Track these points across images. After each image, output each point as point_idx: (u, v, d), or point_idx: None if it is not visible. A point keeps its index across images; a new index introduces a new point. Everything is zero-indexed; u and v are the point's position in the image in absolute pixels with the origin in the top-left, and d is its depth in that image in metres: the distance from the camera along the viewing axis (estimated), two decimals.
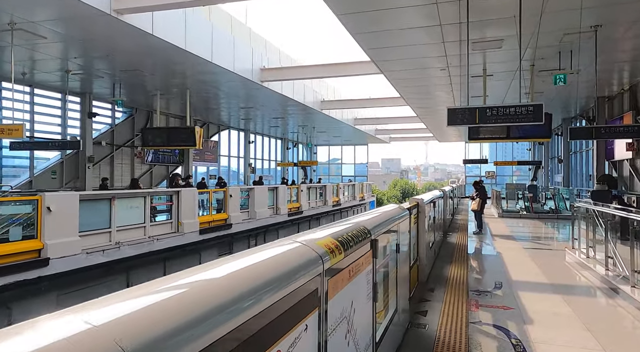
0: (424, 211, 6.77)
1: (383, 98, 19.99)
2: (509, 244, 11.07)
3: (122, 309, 0.97)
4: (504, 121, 7.46)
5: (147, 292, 1.11)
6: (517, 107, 7.22)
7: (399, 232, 4.24)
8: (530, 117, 7.06)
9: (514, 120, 7.33)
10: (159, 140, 15.06)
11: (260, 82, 14.35)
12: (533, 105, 7.08)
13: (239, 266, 1.44)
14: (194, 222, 13.17)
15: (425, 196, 7.60)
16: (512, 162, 27.41)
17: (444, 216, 13.10)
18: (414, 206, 6.23)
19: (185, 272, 1.31)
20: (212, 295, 1.16)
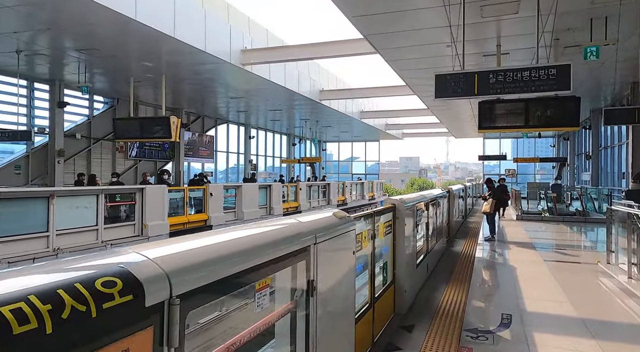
0: (403, 216, 4.93)
1: (389, 87, 18.05)
2: (526, 254, 9.09)
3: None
4: (515, 90, 5.54)
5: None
6: (535, 70, 5.27)
7: (313, 264, 2.44)
8: (552, 84, 5.13)
9: (530, 88, 5.38)
10: (131, 132, 13.49)
11: (241, 66, 12.64)
12: (557, 66, 5.14)
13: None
14: (162, 224, 11.57)
15: (408, 196, 5.74)
16: (533, 159, 25.05)
17: (450, 219, 11.19)
18: (385, 210, 4.41)
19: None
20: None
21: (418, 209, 5.97)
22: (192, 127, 21.95)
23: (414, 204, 5.55)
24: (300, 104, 19.29)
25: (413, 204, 5.50)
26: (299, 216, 2.64)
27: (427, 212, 6.85)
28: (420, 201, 5.99)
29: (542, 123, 10.02)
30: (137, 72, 13.33)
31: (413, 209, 5.48)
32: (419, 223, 5.94)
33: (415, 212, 5.59)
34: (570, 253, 9.46)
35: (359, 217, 3.51)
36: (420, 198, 6.29)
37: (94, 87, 16.07)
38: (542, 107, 10.16)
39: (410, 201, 5.33)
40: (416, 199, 5.80)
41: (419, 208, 6.07)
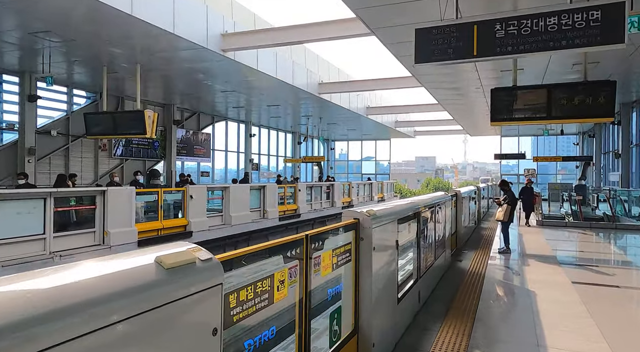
0: (371, 236, 3.40)
1: (395, 78, 16.42)
2: (549, 273, 7.43)
3: None
4: (536, 47, 3.85)
5: None
6: (567, 14, 3.57)
7: None
8: (594, 35, 3.43)
9: (559, 43, 3.64)
10: (104, 128, 12.20)
11: (222, 52, 11.21)
12: (603, 6, 3.44)
13: None
14: (128, 231, 10.23)
15: (383, 207, 4.15)
16: (555, 158, 23.10)
17: (457, 227, 9.58)
18: (331, 231, 2.90)
19: None
20: None
21: (402, 221, 4.43)
22: (186, 124, 20.66)
23: (392, 217, 4.01)
24: (299, 98, 17.81)
25: (390, 217, 3.96)
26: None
27: (420, 223, 5.29)
28: (400, 213, 4.43)
29: (568, 114, 8.36)
30: (108, 60, 12.01)
31: (391, 224, 3.95)
32: (401, 242, 4.39)
33: (393, 227, 4.05)
34: (604, 271, 7.75)
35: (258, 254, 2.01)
36: (404, 208, 4.72)
37: (73, 81, 14.89)
38: (569, 94, 8.48)
39: (384, 213, 3.80)
40: (395, 211, 4.25)
41: (403, 220, 4.53)
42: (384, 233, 3.74)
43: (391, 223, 3.98)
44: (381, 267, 3.62)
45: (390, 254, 3.90)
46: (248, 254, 1.97)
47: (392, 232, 4.00)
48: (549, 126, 22.07)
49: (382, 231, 3.66)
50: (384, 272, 3.70)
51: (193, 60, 11.98)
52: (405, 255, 4.91)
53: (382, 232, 3.69)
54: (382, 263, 3.64)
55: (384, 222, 3.74)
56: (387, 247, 3.82)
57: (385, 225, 3.77)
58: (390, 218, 3.93)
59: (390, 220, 3.91)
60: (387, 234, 3.84)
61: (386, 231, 3.79)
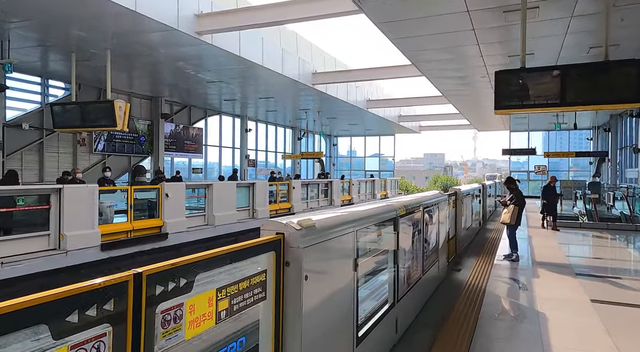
0: (300, 262, 2.26)
1: (393, 67, 15.20)
2: (563, 287, 6.25)
3: None
4: None
5: None
6: None
7: None
8: None
9: None
10: (72, 120, 11.18)
11: (196, 35, 10.11)
12: None
13: None
14: (89, 234, 9.21)
15: (323, 217, 2.94)
16: (568, 153, 21.69)
17: (457, 231, 8.41)
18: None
19: None
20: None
21: (368, 231, 3.29)
22: (176, 118, 19.63)
23: (345, 228, 2.86)
24: (292, 90, 16.65)
25: (342, 229, 2.82)
26: None
27: (400, 232, 4.14)
28: (364, 220, 3.25)
29: (586, 99, 7.13)
30: (75, 45, 10.98)
31: (345, 237, 2.81)
32: (367, 260, 3.26)
33: (349, 242, 2.91)
34: (628, 284, 6.54)
35: None
36: (370, 214, 3.53)
37: (47, 70, 13.89)
38: (587, 75, 7.26)
39: (330, 224, 2.68)
40: (353, 219, 3.08)
41: (371, 229, 3.39)
42: (328, 253, 2.62)
43: (345, 236, 2.86)
44: (322, 303, 2.51)
45: (340, 281, 2.78)
46: None
47: (345, 249, 2.88)
48: (561, 119, 20.71)
49: (324, 250, 2.55)
50: (328, 308, 2.58)
51: (167, 45, 10.92)
52: (374, 276, 3.80)
53: (326, 251, 2.58)
54: (323, 296, 2.52)
55: (330, 237, 2.62)
56: (333, 272, 2.70)
57: (332, 241, 2.65)
58: (342, 230, 2.81)
59: (341, 232, 2.79)
60: (334, 254, 2.72)
61: (332, 249, 2.67)
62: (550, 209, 12.52)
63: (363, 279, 3.35)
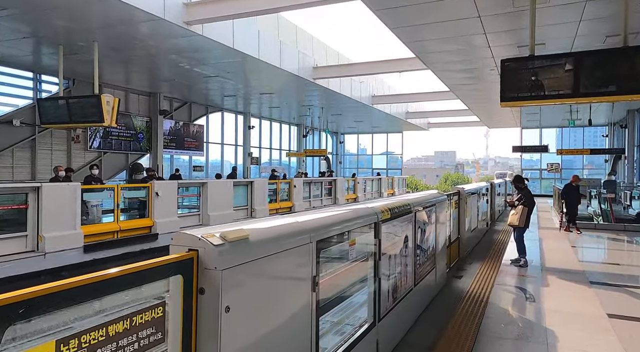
0: (217, 288, 1.66)
1: (398, 60, 14.53)
2: (574, 297, 5.60)
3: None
4: None
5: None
6: None
7: None
8: None
9: None
10: (58, 116, 10.75)
11: (185, 25, 9.59)
12: None
13: None
14: (71, 235, 8.76)
15: (271, 222, 2.36)
16: (582, 151, 20.79)
17: (460, 235, 7.78)
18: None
19: None
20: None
21: (335, 242, 2.70)
22: (175, 114, 19.17)
23: (295, 241, 2.24)
24: (292, 85, 16.08)
25: (291, 241, 2.20)
26: None
27: (383, 240, 3.54)
28: (326, 229, 2.61)
29: (602, 88, 6.45)
30: (61, 37, 10.53)
31: (298, 251, 2.21)
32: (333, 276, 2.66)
33: (304, 257, 2.30)
34: None
35: None
36: (336, 220, 2.86)
37: (40, 65, 13.49)
38: (604, 63, 6.58)
39: (271, 235, 2.09)
40: (311, 227, 2.44)
41: (340, 239, 2.81)
42: (269, 272, 2.02)
43: (298, 249, 2.27)
44: (257, 342, 1.92)
45: (288, 309, 2.18)
46: None
47: (298, 266, 2.28)
48: (575, 115, 19.83)
49: (262, 269, 1.96)
50: (265, 348, 1.99)
51: (156, 36, 10.41)
52: (347, 294, 3.22)
53: (264, 271, 1.98)
54: (258, 332, 1.93)
55: (272, 252, 2.04)
56: (277, 297, 2.09)
57: (276, 256, 2.06)
58: (293, 241, 2.22)
59: (291, 244, 2.19)
60: (279, 273, 2.11)
61: (275, 267, 2.07)
62: (572, 211, 11.56)
63: (329, 300, 2.77)
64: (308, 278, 2.36)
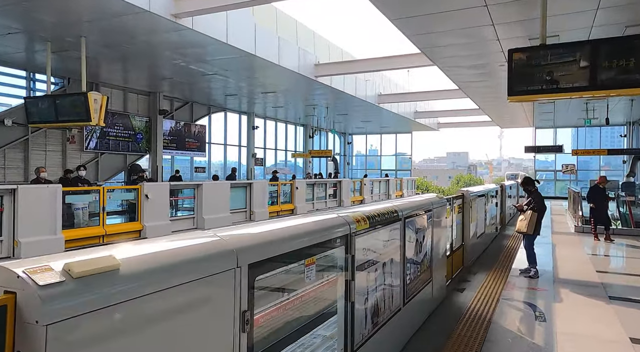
0: None
1: (404, 56, 13.87)
2: (592, 317, 4.92)
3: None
4: None
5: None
6: None
7: None
8: None
9: None
10: (45, 115, 10.33)
11: (172, 18, 9.08)
12: None
13: None
14: (51, 240, 8.31)
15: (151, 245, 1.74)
16: (599, 151, 19.87)
17: (464, 242, 7.14)
18: None
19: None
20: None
21: (258, 273, 2.10)
22: (176, 114, 18.75)
23: (187, 276, 1.63)
24: (295, 83, 15.49)
25: (180, 277, 1.59)
26: None
27: (355, 255, 2.94)
28: (269, 248, 1.99)
29: (621, 80, 5.77)
30: (47, 33, 10.10)
31: (189, 293, 1.62)
32: (273, 308, 2.08)
33: (225, 295, 1.69)
34: None
35: None
36: (280, 236, 2.17)
37: (34, 64, 13.12)
38: (623, 52, 5.90)
39: (147, 270, 1.48)
40: (178, 259, 1.73)
41: (265, 268, 2.21)
42: (156, 317, 1.43)
43: (213, 279, 1.66)
44: None
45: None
46: None
47: (213, 301, 1.68)
48: (591, 114, 18.95)
49: (141, 318, 1.36)
50: None
51: (144, 31, 9.92)
52: (303, 329, 2.61)
53: (147, 319, 1.38)
54: None
55: (163, 287, 1.44)
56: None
57: (169, 292, 1.46)
58: (205, 268, 1.61)
59: (202, 273, 1.59)
60: (172, 315, 1.51)
61: (169, 311, 1.46)
62: (599, 216, 10.56)
63: (274, 340, 2.18)
64: (233, 315, 1.78)
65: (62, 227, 8.50)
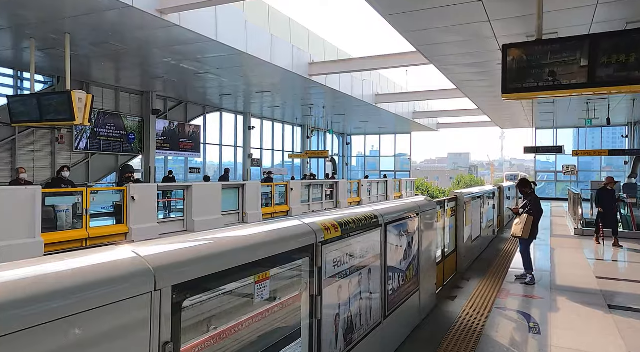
0: None
1: (400, 54, 13.55)
2: (589, 328, 4.60)
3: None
4: None
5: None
6: None
7: None
8: None
9: None
10: (29, 114, 10.04)
11: (158, 14, 8.78)
12: None
13: None
14: (29, 244, 8.03)
15: None
16: (600, 152, 19.51)
17: (457, 246, 6.83)
18: None
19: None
20: None
21: (180, 298, 1.78)
22: (170, 114, 18.46)
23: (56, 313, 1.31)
24: (289, 82, 15.18)
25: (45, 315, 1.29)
26: None
27: (324, 268, 2.64)
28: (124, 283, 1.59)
29: (622, 76, 5.46)
30: (33, 30, 9.83)
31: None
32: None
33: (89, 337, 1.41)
34: None
35: None
36: (181, 258, 1.82)
37: (21, 62, 12.85)
38: (626, 46, 5.59)
39: None
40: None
41: (193, 291, 1.89)
42: None
43: (122, 305, 1.37)
44: None
45: None
46: None
47: (125, 335, 1.37)
48: (592, 114, 18.60)
49: None
50: None
51: (130, 27, 9.63)
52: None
53: None
54: None
55: (46, 320, 1.15)
56: None
57: (62, 325, 1.16)
58: (108, 295, 1.31)
59: (101, 301, 1.30)
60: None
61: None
62: (609, 219, 10.04)
63: None
64: (150, 349, 1.47)
65: (42, 230, 8.24)
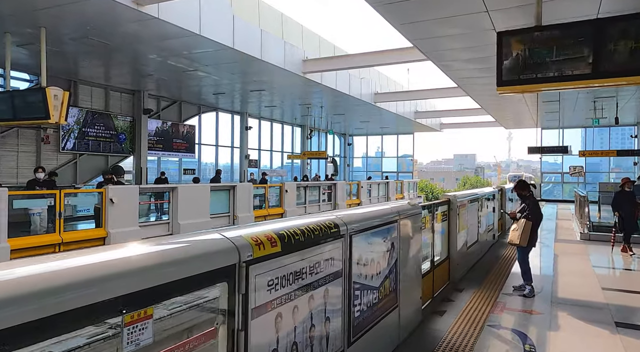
0: None
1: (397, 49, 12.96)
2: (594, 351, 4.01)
3: None
4: None
5: None
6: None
7: None
8: None
9: None
10: (4, 112, 9.58)
11: (134, 5, 8.27)
12: None
13: None
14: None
15: None
16: (607, 152, 18.78)
17: (449, 253, 6.25)
18: None
19: None
20: None
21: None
22: (163, 114, 18.01)
23: None
24: (284, 80, 14.62)
25: None
26: None
27: (252, 293, 2.10)
28: None
29: (630, 66, 4.86)
30: (7, 23, 9.37)
31: None
32: None
33: None
34: None
35: None
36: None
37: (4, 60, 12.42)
38: (632, 32, 5.00)
39: None
40: None
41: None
42: None
43: None
44: None
45: None
46: None
47: None
48: (599, 114, 17.90)
49: None
50: None
51: (107, 20, 9.12)
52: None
53: None
54: None
55: None
56: None
57: None
58: None
59: None
60: None
61: None
62: (627, 223, 9.19)
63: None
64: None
65: (10, 235, 7.77)
